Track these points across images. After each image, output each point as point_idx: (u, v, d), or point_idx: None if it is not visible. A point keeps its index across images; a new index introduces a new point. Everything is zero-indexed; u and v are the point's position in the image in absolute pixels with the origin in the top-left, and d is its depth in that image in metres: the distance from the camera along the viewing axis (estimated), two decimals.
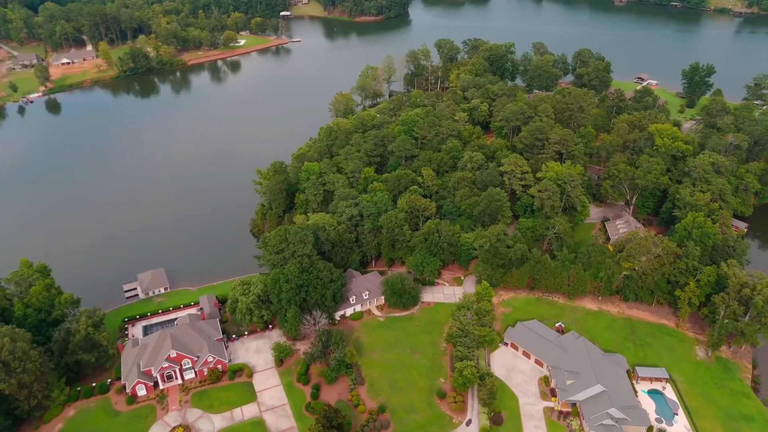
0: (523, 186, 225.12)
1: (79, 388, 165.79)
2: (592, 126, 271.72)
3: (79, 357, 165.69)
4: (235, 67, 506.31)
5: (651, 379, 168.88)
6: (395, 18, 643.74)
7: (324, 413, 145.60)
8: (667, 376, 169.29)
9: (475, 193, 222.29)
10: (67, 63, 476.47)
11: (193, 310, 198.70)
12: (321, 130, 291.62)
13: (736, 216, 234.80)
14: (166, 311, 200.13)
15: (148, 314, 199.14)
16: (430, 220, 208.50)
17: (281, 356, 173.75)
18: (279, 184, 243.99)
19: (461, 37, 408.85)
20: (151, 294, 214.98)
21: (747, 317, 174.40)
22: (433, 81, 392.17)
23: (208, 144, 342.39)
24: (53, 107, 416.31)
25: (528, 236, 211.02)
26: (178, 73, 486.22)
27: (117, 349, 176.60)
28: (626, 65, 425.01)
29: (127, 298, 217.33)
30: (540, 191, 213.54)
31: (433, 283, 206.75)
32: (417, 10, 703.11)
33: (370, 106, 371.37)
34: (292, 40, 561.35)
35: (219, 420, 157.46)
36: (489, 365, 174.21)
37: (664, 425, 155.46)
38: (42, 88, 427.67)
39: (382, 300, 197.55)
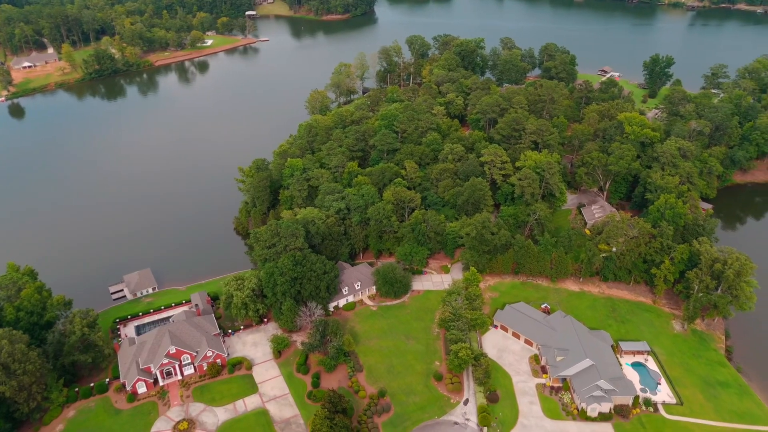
0: (503, 175, 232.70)
1: (77, 389, 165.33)
2: (564, 116, 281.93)
3: (76, 358, 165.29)
4: (204, 67, 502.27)
5: (634, 353, 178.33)
6: (362, 16, 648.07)
7: (328, 398, 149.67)
8: (649, 349, 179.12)
9: (457, 183, 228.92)
10: (29, 66, 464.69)
11: (186, 308, 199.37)
12: (300, 127, 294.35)
13: (701, 198, 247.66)
14: (157, 310, 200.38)
15: (140, 314, 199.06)
16: (416, 211, 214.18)
17: (279, 348, 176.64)
18: (262, 181, 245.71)
19: (427, 34, 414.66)
20: (139, 294, 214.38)
21: (719, 290, 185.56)
22: (405, 77, 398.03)
23: (187, 144, 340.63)
24: (17, 112, 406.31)
25: (510, 223, 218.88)
26: (145, 75, 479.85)
27: (113, 349, 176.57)
28: (589, 58, 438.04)
29: (114, 299, 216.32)
30: (520, 179, 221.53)
31: (421, 272, 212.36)
32: (382, 8, 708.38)
33: (345, 103, 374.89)
34: (260, 40, 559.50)
35: (222, 412, 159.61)
36: (481, 347, 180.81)
37: (648, 394, 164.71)
38: (5, 93, 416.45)
39: (373, 290, 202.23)
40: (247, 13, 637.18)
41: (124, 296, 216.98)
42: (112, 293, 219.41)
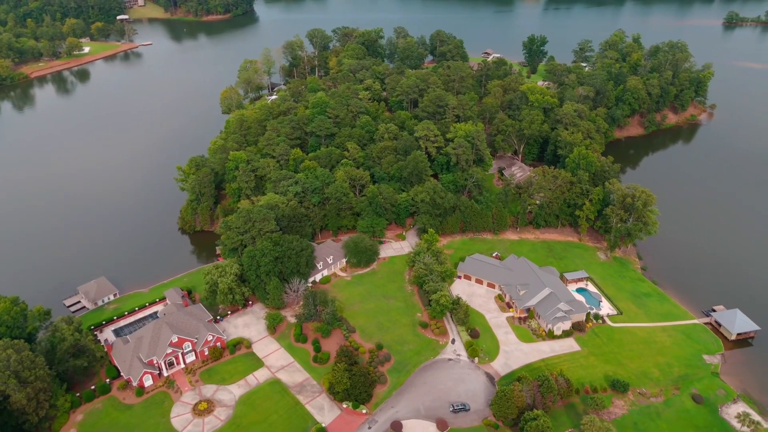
0: (436, 148, 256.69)
1: (78, 394, 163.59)
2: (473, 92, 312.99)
3: (71, 363, 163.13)
4: (86, 75, 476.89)
5: (576, 281, 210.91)
6: (243, 15, 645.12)
7: (342, 353, 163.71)
8: (587, 276, 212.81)
9: (399, 159, 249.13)
10: None
11: (161, 306, 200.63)
12: (228, 122, 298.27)
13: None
14: (132, 312, 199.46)
15: (115, 318, 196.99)
16: (372, 185, 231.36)
17: (274, 324, 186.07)
18: (206, 177, 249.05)
19: (307, 29, 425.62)
20: (100, 303, 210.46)
21: (631, 221, 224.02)
22: (309, 70, 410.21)
23: (108, 153, 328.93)
24: None
25: (450, 188, 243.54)
26: (19, 89, 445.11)
27: (105, 352, 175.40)
28: (470, 43, 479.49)
29: (73, 312, 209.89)
30: (454, 148, 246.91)
31: (381, 242, 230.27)
32: (260, 6, 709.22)
33: (255, 99, 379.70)
34: (143, 44, 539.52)
35: (236, 389, 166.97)
36: (452, 295, 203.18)
37: (595, 310, 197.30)
38: None
39: (344, 262, 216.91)
40: (118, 17, 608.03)
41: (84, 307, 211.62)
42: (69, 306, 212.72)
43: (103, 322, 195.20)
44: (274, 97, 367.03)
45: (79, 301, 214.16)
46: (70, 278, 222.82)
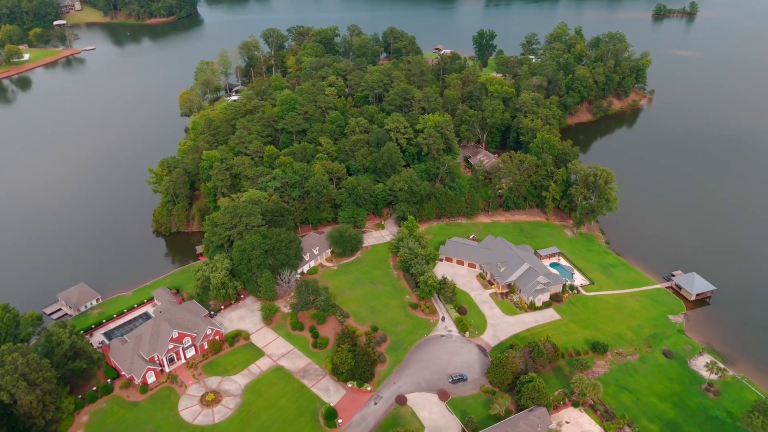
0: (406, 139, 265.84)
1: (80, 395, 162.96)
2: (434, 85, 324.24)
3: (71, 366, 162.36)
4: (26, 83, 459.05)
5: (549, 256, 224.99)
6: (187, 18, 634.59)
7: (343, 335, 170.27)
8: (559, 251, 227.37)
9: (372, 151, 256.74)
10: None
11: (149, 307, 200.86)
12: (195, 123, 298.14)
13: None
14: (121, 314, 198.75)
15: (104, 321, 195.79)
16: (350, 177, 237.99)
17: (269, 314, 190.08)
18: (181, 178, 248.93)
19: (254, 30, 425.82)
20: (83, 309, 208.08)
21: (593, 198, 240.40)
22: (265, 69, 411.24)
23: (66, 161, 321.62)
24: None
25: (423, 177, 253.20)
26: None
27: (102, 353, 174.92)
28: (419, 39, 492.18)
29: (56, 319, 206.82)
30: (425, 138, 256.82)
31: (362, 232, 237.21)
32: (204, 8, 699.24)
33: (214, 100, 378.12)
34: (86, 49, 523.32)
35: (240, 378, 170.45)
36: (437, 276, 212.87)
37: (570, 282, 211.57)
38: None
39: (329, 253, 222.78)
40: (55, 23, 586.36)
41: (66, 314, 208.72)
42: (50, 314, 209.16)
43: (93, 326, 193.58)
44: (235, 97, 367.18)
45: (59, 309, 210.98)
46: (47, 287, 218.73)
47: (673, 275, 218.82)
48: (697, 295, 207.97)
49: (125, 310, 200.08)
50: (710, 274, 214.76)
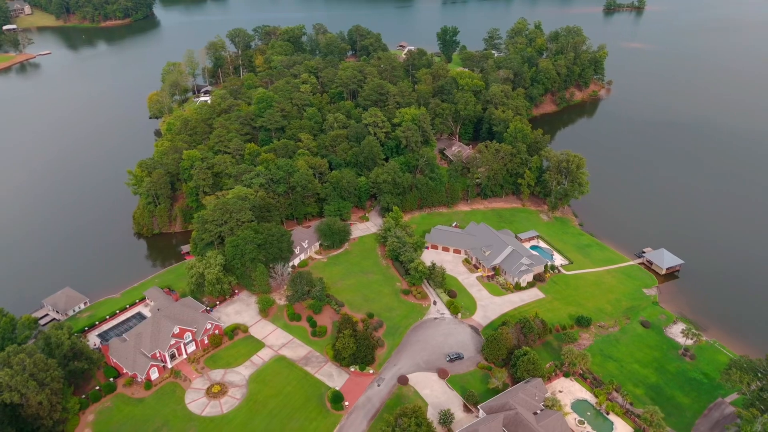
0: (384, 133, 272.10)
1: (84, 395, 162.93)
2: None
3: (72, 367, 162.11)
4: None
5: (529, 239, 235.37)
6: (144, 20, 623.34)
7: (344, 322, 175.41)
8: (538, 234, 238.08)
9: (352, 145, 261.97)
10: None
11: (141, 306, 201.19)
12: (169, 123, 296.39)
13: None
14: (113, 315, 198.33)
15: (96, 323, 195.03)
16: (333, 171, 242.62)
17: (266, 307, 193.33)
18: (162, 178, 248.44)
19: (212, 31, 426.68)
20: (71, 313, 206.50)
21: (566, 183, 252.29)
22: (233, 70, 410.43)
23: (36, 167, 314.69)
24: None
25: (403, 169, 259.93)
26: None
27: (101, 353, 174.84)
28: (383, 37, 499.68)
29: (44, 325, 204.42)
30: (403, 131, 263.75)
31: (349, 224, 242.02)
32: (159, 10, 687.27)
33: (183, 101, 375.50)
34: (41, 54, 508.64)
35: (244, 370, 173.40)
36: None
37: (550, 262, 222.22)
38: None
39: (317, 246, 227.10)
40: (4, 27, 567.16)
41: (54, 319, 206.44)
42: (38, 320, 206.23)
43: (86, 328, 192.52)
44: (204, 98, 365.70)
45: (47, 314, 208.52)
46: (31, 294, 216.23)
47: (644, 252, 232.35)
48: (667, 269, 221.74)
49: (117, 311, 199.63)
50: (678, 249, 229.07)
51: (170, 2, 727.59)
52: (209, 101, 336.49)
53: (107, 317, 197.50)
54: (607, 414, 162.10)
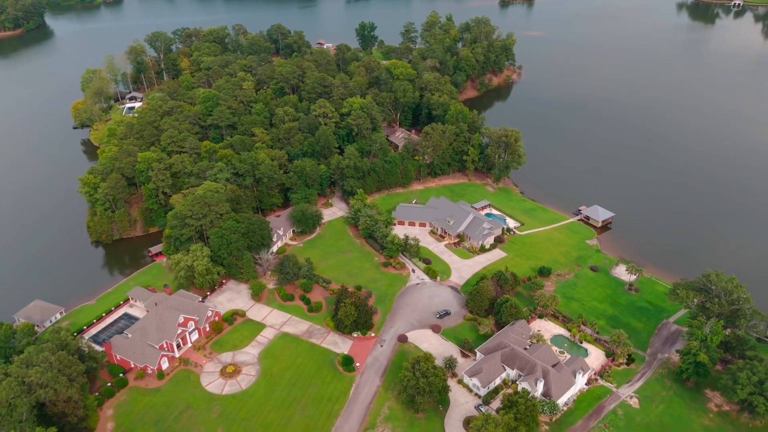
0: (334, 123, 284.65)
1: (97, 392, 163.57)
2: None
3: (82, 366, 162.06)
4: None
5: (482, 208, 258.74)
6: (36, 30, 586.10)
7: (343, 292, 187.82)
8: (489, 203, 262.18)
9: (306, 137, 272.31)
10: None
11: (126, 308, 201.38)
12: (110, 129, 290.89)
13: None
14: (99, 319, 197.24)
15: (84, 327, 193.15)
16: (296, 161, 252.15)
17: (258, 291, 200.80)
18: (119, 182, 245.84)
19: (110, 39, 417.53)
20: (48, 324, 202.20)
21: (506, 155, 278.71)
22: (155, 74, 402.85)
23: None
24: None
25: (357, 155, 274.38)
26: None
27: (105, 351, 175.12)
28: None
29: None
30: (354, 120, 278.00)
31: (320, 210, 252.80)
32: (49, 19, 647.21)
33: (107, 108, 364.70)
34: None
35: (252, 349, 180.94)
36: None
37: (506, 226, 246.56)
38: None
39: (291, 233, 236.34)
40: None
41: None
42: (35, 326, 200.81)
43: (75, 334, 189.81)
44: (133, 104, 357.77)
45: None
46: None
47: (580, 210, 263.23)
48: (602, 221, 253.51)
49: (104, 314, 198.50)
50: (609, 204, 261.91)
51: (59, 10, 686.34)
52: (136, 107, 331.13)
53: (94, 321, 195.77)
54: (581, 343, 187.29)
